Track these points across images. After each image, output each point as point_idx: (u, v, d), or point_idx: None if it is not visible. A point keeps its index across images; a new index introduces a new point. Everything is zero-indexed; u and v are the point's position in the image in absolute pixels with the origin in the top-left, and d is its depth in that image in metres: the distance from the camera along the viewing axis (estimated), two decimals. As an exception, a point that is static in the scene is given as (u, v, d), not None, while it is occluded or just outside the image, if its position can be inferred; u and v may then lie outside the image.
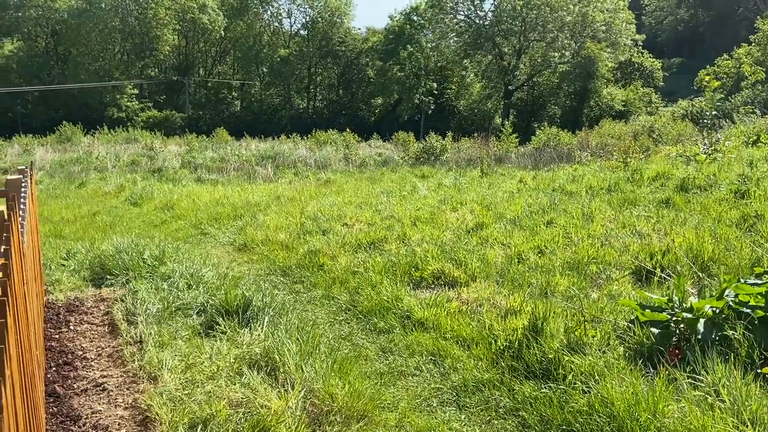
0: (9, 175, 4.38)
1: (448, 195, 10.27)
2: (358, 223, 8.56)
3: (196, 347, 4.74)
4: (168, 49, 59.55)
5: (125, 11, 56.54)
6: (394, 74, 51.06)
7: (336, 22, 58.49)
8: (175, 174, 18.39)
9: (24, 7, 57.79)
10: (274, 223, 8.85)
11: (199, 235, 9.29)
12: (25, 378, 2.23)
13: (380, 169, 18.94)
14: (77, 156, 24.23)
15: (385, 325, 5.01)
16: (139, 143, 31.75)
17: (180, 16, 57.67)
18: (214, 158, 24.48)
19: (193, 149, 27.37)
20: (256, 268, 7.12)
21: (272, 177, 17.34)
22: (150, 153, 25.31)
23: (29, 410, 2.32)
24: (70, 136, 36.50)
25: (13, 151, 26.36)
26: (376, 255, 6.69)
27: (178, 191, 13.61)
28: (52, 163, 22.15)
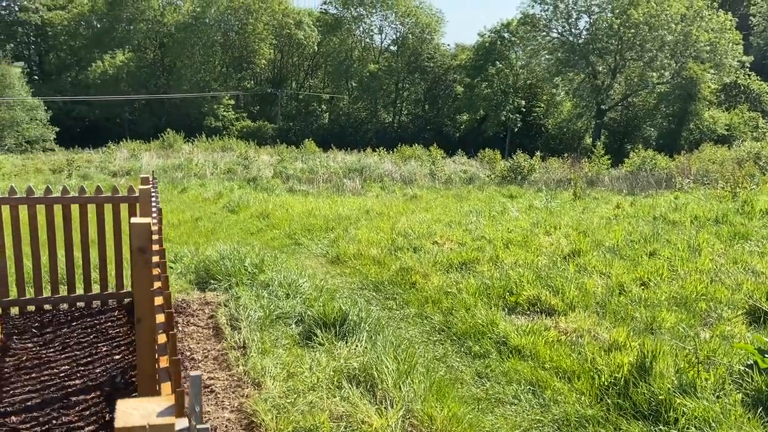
0: (140, 185, 4.72)
1: (540, 218, 10.06)
2: (448, 242, 8.55)
3: (296, 357, 4.89)
4: (264, 63, 62.22)
5: (227, 26, 59.62)
6: (481, 91, 50.74)
7: (426, 38, 58.99)
8: (268, 183, 19.08)
9: (136, 20, 62.20)
10: (366, 238, 8.99)
11: (293, 245, 9.58)
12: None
13: (466, 187, 18.82)
14: (179, 162, 25.66)
15: (480, 349, 4.97)
16: (233, 152, 33.21)
17: (277, 31, 60.15)
18: (304, 169, 25.22)
19: (284, 159, 28.30)
20: (349, 282, 7.26)
21: (360, 190, 17.63)
22: (244, 162, 26.41)
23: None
24: (172, 142, 38.70)
25: (122, 155, 28.30)
26: (470, 276, 6.66)
27: (272, 201, 14.11)
28: (156, 168, 23.56)
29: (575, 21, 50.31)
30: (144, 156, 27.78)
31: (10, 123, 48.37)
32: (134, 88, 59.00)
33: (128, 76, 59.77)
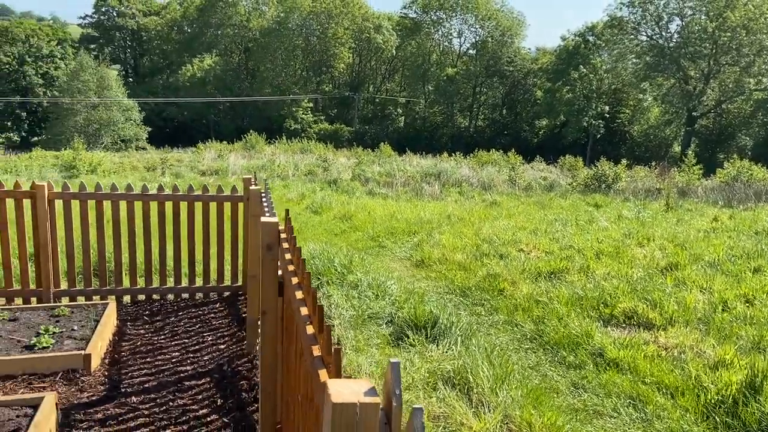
0: (252, 186, 4.98)
1: (631, 228, 9.76)
2: (534, 250, 8.45)
3: (388, 356, 5.01)
4: (343, 67, 63.41)
5: (308, 31, 61.21)
6: (562, 95, 49.58)
7: (506, 41, 58.29)
8: (347, 186, 19.44)
9: (223, 25, 64.99)
10: (450, 243, 9.03)
11: (376, 247, 9.75)
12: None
13: (547, 194, 18.46)
14: (262, 163, 26.58)
15: (575, 360, 4.91)
16: (312, 154, 34.04)
17: (357, 35, 61.17)
18: (381, 172, 25.50)
19: (362, 162, 28.71)
20: (435, 286, 7.33)
21: (439, 195, 17.66)
22: (324, 164, 27.01)
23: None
24: (254, 144, 40.09)
25: (210, 156, 29.62)
26: (561, 286, 6.57)
27: (353, 203, 14.39)
28: (241, 168, 24.52)
29: (666, 24, 48.27)
30: (230, 156, 28.94)
31: (108, 122, 51.61)
32: (220, 91, 61.62)
33: (214, 79, 62.50)
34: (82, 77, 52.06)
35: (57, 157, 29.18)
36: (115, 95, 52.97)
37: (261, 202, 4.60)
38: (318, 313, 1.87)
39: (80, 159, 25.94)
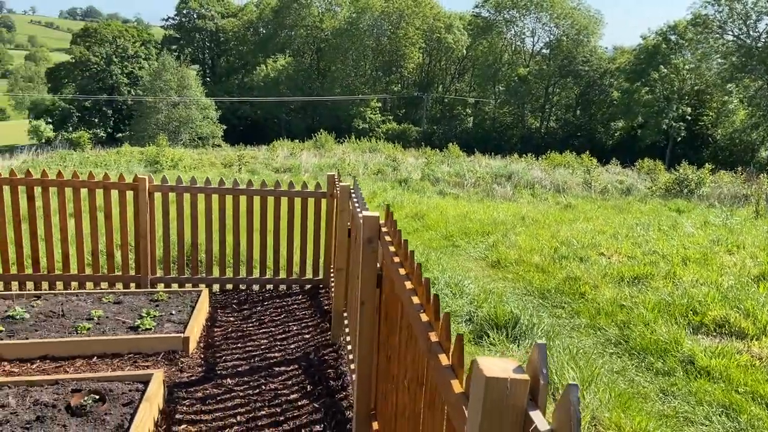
0: (342, 183, 5.14)
1: (719, 235, 9.35)
2: (616, 255, 8.25)
3: (469, 354, 5.05)
4: (412, 67, 63.57)
5: (379, 31, 61.72)
6: (641, 96, 47.73)
7: (582, 40, 56.72)
8: (417, 185, 19.54)
9: (296, 26, 66.55)
10: (526, 244, 8.95)
11: (450, 246, 9.79)
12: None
13: (625, 198, 17.89)
14: (333, 161, 27.07)
15: (663, 366, 4.80)
16: (380, 153, 34.35)
17: (427, 35, 61.17)
18: (450, 173, 25.43)
19: (431, 162, 28.74)
20: (512, 287, 7.30)
21: (511, 196, 17.47)
22: (393, 164, 27.22)
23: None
24: (323, 142, 40.84)
25: (283, 153, 30.44)
26: (646, 291, 6.41)
27: (425, 202, 14.46)
28: (313, 166, 25.08)
29: (754, 23, 45.61)
30: (302, 155, 29.63)
31: (186, 120, 53.87)
32: (291, 91, 63.10)
33: (287, 79, 64.07)
34: (164, 77, 54.59)
35: (142, 152, 30.77)
36: (194, 94, 55.22)
37: (350, 198, 4.75)
38: (434, 302, 1.96)
39: (163, 155, 27.27)
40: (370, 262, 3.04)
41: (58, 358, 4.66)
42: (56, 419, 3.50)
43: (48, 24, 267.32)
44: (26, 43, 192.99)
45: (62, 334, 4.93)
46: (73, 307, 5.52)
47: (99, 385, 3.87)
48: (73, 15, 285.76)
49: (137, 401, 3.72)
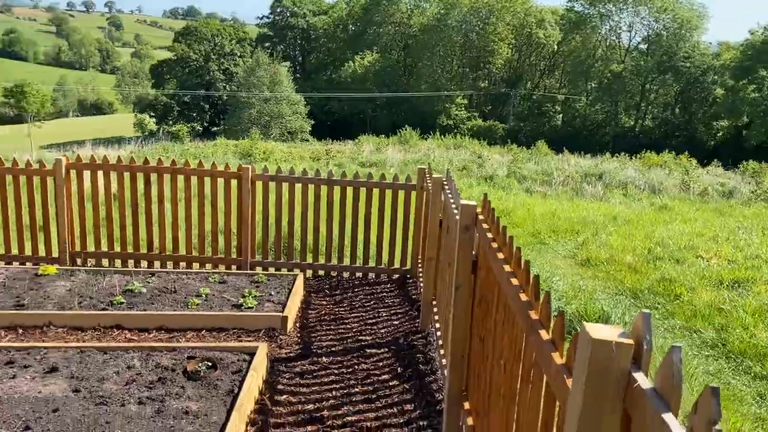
0: (434, 175, 5.29)
1: (834, 242, 8.74)
2: (715, 258, 7.91)
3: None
4: (500, 63, 62.61)
5: (468, 27, 61.24)
6: (747, 94, 44.68)
7: (683, 35, 53.73)
8: (503, 182, 19.36)
9: (385, 23, 67.22)
10: (618, 244, 8.74)
11: (537, 244, 9.71)
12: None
13: (726, 201, 16.91)
14: (418, 157, 27.26)
15: (762, 370, 4.62)
16: (465, 150, 34.19)
17: (517, 30, 60.03)
18: (538, 171, 24.96)
19: (517, 160, 28.32)
20: (603, 286, 7.18)
21: (602, 196, 16.96)
22: (478, 160, 27.06)
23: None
24: (408, 138, 41.13)
25: (368, 149, 30.96)
26: (748, 296, 6.14)
27: (511, 199, 14.34)
28: (398, 162, 25.38)
29: None
30: (388, 150, 30.03)
31: (277, 115, 55.83)
32: (378, 87, 63.88)
33: (374, 75, 64.93)
34: (258, 73, 56.87)
35: (236, 145, 32.26)
36: (284, 90, 57.18)
37: (442, 190, 4.89)
38: (534, 283, 2.07)
39: (256, 148, 28.51)
40: (466, 248, 3.17)
41: (172, 329, 5.11)
42: (175, 381, 3.88)
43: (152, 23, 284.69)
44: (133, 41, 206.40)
45: (175, 308, 5.40)
46: (183, 284, 6.00)
47: (211, 354, 4.24)
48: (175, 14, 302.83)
49: (245, 370, 4.05)
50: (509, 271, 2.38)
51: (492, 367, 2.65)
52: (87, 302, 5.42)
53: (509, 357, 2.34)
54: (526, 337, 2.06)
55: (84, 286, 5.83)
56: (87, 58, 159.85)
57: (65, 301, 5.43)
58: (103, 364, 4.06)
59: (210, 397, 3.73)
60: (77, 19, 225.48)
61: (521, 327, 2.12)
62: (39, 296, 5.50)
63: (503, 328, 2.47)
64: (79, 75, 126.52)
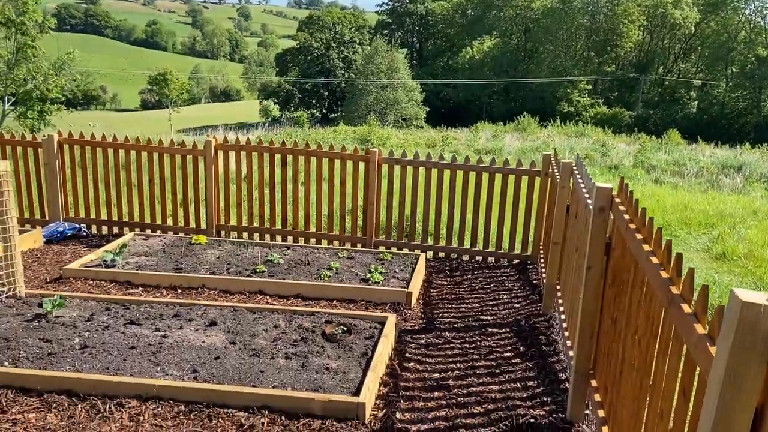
0: (563, 160, 5.31)
1: None
2: None
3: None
4: (630, 46, 59.15)
5: (595, 8, 58.36)
6: None
7: None
8: (629, 172, 18.51)
9: (505, 7, 65.70)
10: (758, 239, 8.19)
11: (668, 236, 9.28)
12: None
13: None
14: (536, 145, 26.66)
15: None
16: (587, 138, 32.82)
17: (650, 11, 56.34)
18: (668, 161, 23.53)
19: (645, 149, 26.82)
20: (740, 281, 6.80)
21: (740, 189, 15.75)
22: (602, 149, 25.96)
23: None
24: (526, 126, 40.15)
25: (485, 136, 30.69)
26: None
27: (638, 190, 13.72)
28: (516, 149, 24.97)
29: None
30: (506, 137, 29.58)
31: (393, 102, 56.60)
32: (495, 73, 62.71)
33: (491, 61, 63.82)
34: (376, 60, 57.94)
35: (354, 131, 33.26)
36: (401, 77, 57.78)
37: (571, 175, 4.90)
38: (677, 260, 2.14)
39: (374, 134, 29.24)
40: (600, 230, 3.23)
41: (307, 298, 5.56)
42: (315, 341, 4.27)
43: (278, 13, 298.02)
44: (259, 31, 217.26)
45: (309, 278, 5.86)
46: (315, 258, 6.47)
47: (345, 320, 4.60)
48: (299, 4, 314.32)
49: (376, 336, 4.37)
50: (648, 250, 2.45)
51: (625, 343, 2.73)
52: (233, 269, 6.03)
53: (645, 332, 2.41)
54: (666, 312, 2.13)
55: (230, 255, 6.47)
56: (218, 48, 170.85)
57: (215, 267, 6.07)
58: (254, 322, 4.55)
59: (346, 357, 4.08)
60: (210, 11, 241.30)
61: (660, 302, 2.20)
62: (193, 262, 6.19)
63: (639, 305, 2.54)
64: (211, 64, 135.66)
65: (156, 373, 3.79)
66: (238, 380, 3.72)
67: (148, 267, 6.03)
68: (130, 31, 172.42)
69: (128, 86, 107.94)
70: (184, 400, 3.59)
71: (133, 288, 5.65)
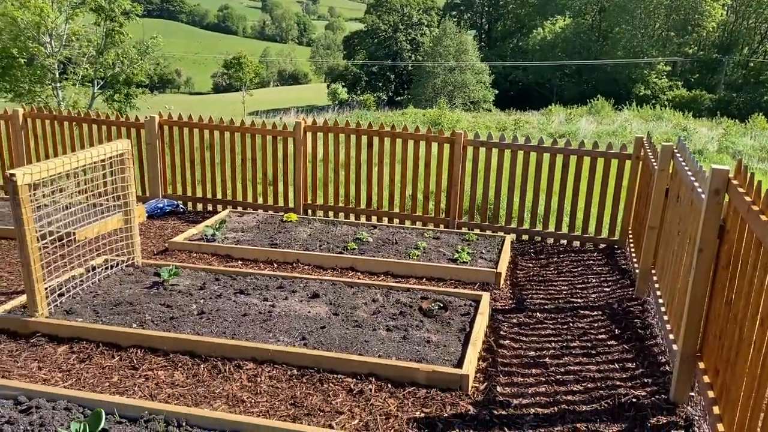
0: (664, 143, 5.22)
1: None
2: None
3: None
4: (713, 25, 56.05)
5: (675, -14, 55.54)
6: None
7: None
8: (714, 158, 17.74)
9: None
10: None
11: None
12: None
13: None
14: (612, 129, 25.89)
15: None
16: (666, 122, 31.52)
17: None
18: (754, 146, 22.38)
19: (730, 134, 25.58)
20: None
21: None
22: (682, 133, 24.90)
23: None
24: (599, 109, 38.90)
25: (558, 119, 29.98)
26: None
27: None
28: (591, 133, 24.31)
29: None
30: (580, 121, 28.83)
31: (461, 84, 55.97)
32: (567, 54, 60.83)
33: (564, 42, 61.93)
34: (444, 42, 57.34)
35: (424, 114, 33.22)
36: (470, 59, 56.98)
37: (672, 158, 4.82)
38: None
39: (444, 117, 29.13)
40: (714, 213, 3.21)
41: (397, 275, 5.74)
42: (413, 316, 4.44)
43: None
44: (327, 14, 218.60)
45: (398, 257, 6.02)
46: (402, 237, 6.64)
47: (440, 297, 4.75)
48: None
49: (472, 313, 4.49)
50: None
51: (743, 324, 2.73)
52: (325, 246, 6.27)
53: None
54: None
55: (320, 232, 6.73)
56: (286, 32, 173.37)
57: (307, 243, 6.34)
58: (353, 295, 4.76)
59: (445, 332, 4.23)
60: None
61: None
62: (287, 238, 6.48)
63: (762, 285, 2.54)
64: (279, 47, 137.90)
65: (268, 339, 4.05)
66: (344, 349, 3.93)
67: (245, 242, 6.37)
68: (203, 16, 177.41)
69: (201, 70, 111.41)
70: (297, 364, 3.84)
71: (232, 261, 6.00)
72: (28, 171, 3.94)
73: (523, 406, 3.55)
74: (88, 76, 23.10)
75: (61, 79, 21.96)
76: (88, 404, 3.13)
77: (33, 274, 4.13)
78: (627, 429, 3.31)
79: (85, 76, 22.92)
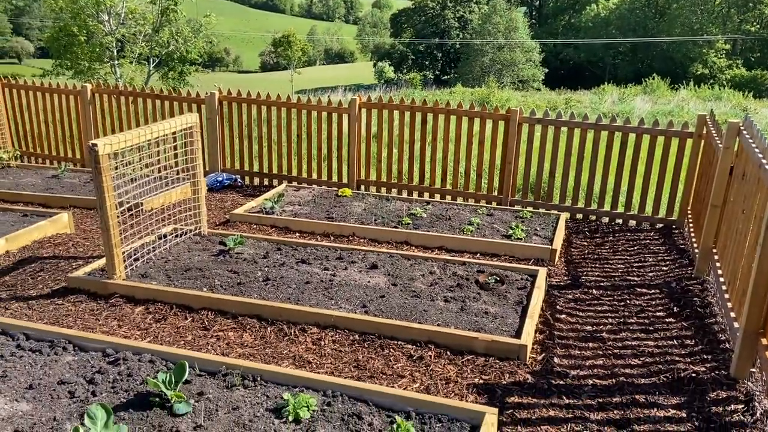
0: (729, 120, 5.11)
1: None
2: None
3: None
4: (779, 1, 53.13)
5: (740, -41, 52.81)
6: None
7: None
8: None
9: (636, -39, 60.96)
10: None
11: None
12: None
13: None
14: (669, 109, 25.06)
15: None
16: (725, 102, 30.27)
17: (807, -40, 50.15)
18: (822, 128, 21.29)
19: (794, 115, 24.38)
20: None
21: None
22: (743, 114, 23.90)
23: None
24: (655, 88, 37.61)
25: (611, 98, 29.19)
26: None
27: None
28: (646, 113, 23.60)
29: None
30: (634, 100, 28.02)
31: (510, 63, 54.94)
32: (621, 31, 58.85)
33: (618, 18, 59.93)
34: (493, 20, 56.24)
35: (472, 93, 32.83)
36: (520, 37, 55.76)
37: (738, 135, 4.72)
38: None
39: (493, 95, 28.75)
40: None
41: (450, 250, 5.82)
42: (470, 288, 4.53)
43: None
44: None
45: (452, 232, 6.10)
46: (455, 213, 6.71)
47: (496, 271, 4.81)
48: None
49: (529, 287, 4.55)
50: None
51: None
52: (380, 220, 6.40)
53: None
54: None
55: (374, 207, 6.86)
56: (333, 10, 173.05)
57: (362, 218, 6.48)
58: (410, 267, 4.88)
59: (501, 304, 4.31)
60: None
61: None
62: (342, 212, 6.64)
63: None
64: (326, 26, 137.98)
65: (331, 305, 4.22)
66: (404, 317, 4.06)
67: (302, 215, 6.55)
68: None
69: (248, 48, 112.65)
70: (358, 330, 4.00)
71: (290, 233, 6.19)
72: (108, 141, 4.18)
73: (580, 377, 3.61)
74: (144, 53, 23.75)
75: (119, 57, 22.66)
76: (170, 358, 3.36)
77: (112, 239, 4.39)
78: (686, 402, 3.34)
79: (141, 53, 23.58)
